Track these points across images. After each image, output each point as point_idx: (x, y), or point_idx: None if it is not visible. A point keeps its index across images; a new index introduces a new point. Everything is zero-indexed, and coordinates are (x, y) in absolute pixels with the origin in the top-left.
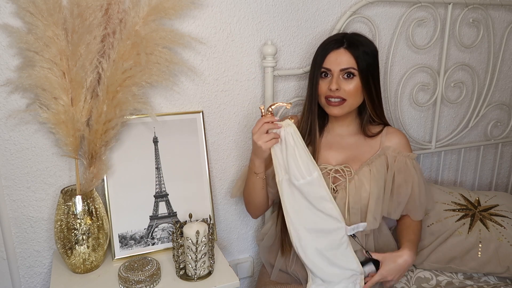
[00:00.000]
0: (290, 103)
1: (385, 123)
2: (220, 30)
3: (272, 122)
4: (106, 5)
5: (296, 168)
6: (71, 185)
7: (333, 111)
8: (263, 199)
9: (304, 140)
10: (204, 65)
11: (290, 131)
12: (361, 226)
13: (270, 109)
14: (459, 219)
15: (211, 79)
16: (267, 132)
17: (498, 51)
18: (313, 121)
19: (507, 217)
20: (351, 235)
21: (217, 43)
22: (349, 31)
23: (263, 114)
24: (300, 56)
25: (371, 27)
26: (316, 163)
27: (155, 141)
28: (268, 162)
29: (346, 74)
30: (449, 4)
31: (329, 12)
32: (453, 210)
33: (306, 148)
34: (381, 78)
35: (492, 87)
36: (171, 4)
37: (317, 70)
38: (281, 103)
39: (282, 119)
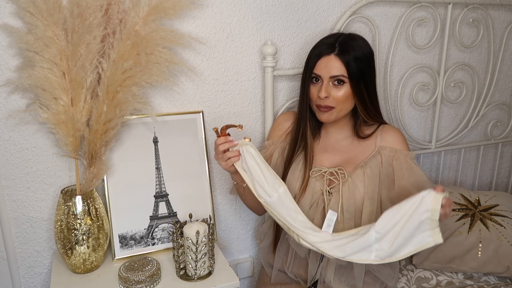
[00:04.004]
0: (241, 125)
1: (381, 122)
2: (220, 30)
3: (226, 142)
4: (106, 5)
5: (262, 186)
6: (71, 185)
7: (322, 117)
8: (253, 202)
9: (296, 144)
10: (204, 65)
11: (249, 150)
12: (331, 214)
13: (225, 130)
14: (459, 219)
15: (211, 79)
16: (226, 152)
17: (498, 51)
18: (305, 125)
19: (507, 217)
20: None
21: (217, 43)
22: (349, 31)
23: (218, 135)
24: (300, 56)
25: (371, 27)
26: (311, 166)
27: (155, 141)
28: None
29: (336, 81)
30: (449, 4)
31: (329, 12)
32: (453, 210)
33: (268, 165)
34: (381, 78)
35: (492, 87)
36: (171, 4)
37: (308, 75)
38: (233, 125)
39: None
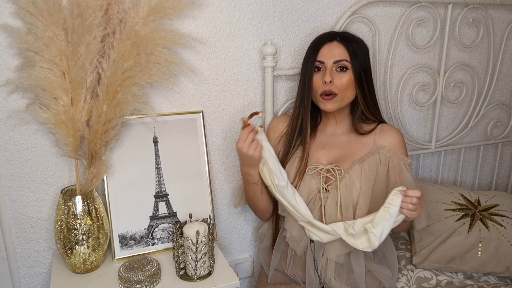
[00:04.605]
0: (261, 111)
1: (380, 121)
2: (220, 30)
3: (253, 130)
4: (106, 5)
5: (275, 171)
6: (71, 185)
7: (326, 105)
8: (267, 202)
9: (292, 142)
10: (204, 65)
11: (263, 138)
12: None
13: (250, 119)
14: (459, 219)
15: (211, 79)
16: (253, 142)
17: (498, 51)
18: (305, 117)
19: (507, 217)
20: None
21: (217, 43)
22: (348, 31)
23: (246, 124)
24: (300, 56)
25: (371, 27)
26: (307, 163)
27: (155, 141)
28: None
29: (339, 67)
30: (449, 4)
31: (329, 12)
32: (453, 210)
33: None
34: (381, 78)
35: (492, 87)
36: (171, 4)
37: (310, 63)
38: (256, 112)
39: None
